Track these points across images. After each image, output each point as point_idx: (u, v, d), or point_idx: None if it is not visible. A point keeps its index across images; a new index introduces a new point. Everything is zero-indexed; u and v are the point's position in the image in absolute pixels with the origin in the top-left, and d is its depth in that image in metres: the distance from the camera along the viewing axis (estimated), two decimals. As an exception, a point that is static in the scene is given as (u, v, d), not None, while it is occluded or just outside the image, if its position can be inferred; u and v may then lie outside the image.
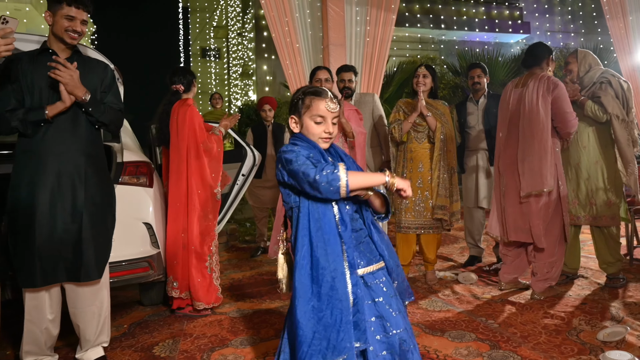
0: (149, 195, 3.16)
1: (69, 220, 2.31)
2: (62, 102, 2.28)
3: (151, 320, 3.24)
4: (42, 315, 2.38)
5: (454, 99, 9.41)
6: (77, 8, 2.32)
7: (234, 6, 18.88)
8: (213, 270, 3.33)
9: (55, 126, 2.33)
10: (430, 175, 3.65)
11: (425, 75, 3.68)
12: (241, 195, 4.74)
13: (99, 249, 2.40)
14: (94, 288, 2.46)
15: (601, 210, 3.45)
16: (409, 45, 14.24)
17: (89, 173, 2.39)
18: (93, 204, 2.39)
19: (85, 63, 2.47)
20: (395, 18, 6.11)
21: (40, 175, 2.29)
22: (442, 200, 3.61)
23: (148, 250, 3.08)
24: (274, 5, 5.54)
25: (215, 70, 23.77)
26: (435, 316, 3.03)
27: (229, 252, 5.61)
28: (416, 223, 3.68)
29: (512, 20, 15.11)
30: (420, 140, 3.70)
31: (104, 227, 2.46)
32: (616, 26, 5.74)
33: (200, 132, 3.28)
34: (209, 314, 3.27)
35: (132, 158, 3.14)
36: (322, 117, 1.75)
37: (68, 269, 2.32)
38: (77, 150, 2.37)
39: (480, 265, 4.32)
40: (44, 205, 2.27)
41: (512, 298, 3.33)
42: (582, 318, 2.86)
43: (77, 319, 2.47)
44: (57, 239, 2.29)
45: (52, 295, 2.40)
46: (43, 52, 2.38)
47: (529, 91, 3.23)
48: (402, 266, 3.70)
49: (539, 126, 3.16)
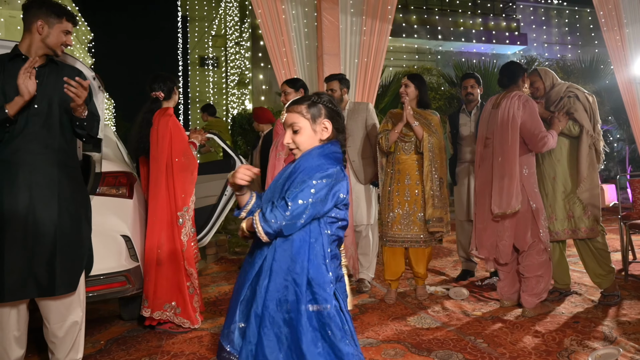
0: (128, 207, 3.06)
1: (40, 232, 2.23)
2: (20, 96, 2.18)
3: (129, 336, 3.13)
4: (7, 333, 2.28)
5: (450, 109, 9.37)
6: (74, 25, 2.43)
7: (233, 15, 18.90)
8: (196, 292, 3.21)
9: (28, 136, 2.26)
10: (417, 188, 3.56)
11: (407, 85, 3.62)
12: (230, 205, 4.66)
13: (72, 262, 2.32)
14: (68, 302, 2.36)
15: (579, 222, 3.40)
16: (406, 56, 14.22)
17: (63, 184, 2.32)
18: (67, 215, 2.31)
19: (58, 69, 2.42)
20: (391, 28, 6.07)
21: (12, 186, 2.21)
22: (439, 212, 3.51)
23: (126, 264, 2.97)
24: (269, 15, 5.49)
25: (214, 79, 23.75)
26: (423, 334, 2.92)
27: (218, 263, 5.50)
28: (402, 237, 3.58)
29: (509, 31, 15.13)
30: (407, 151, 3.61)
31: (78, 239, 2.37)
32: (612, 38, 5.69)
33: (179, 144, 3.15)
34: (190, 330, 3.16)
35: (111, 168, 3.05)
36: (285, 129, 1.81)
37: (39, 283, 2.23)
38: (50, 160, 2.30)
39: (473, 279, 4.22)
40: (15, 218, 2.19)
41: (503, 315, 3.22)
42: (574, 338, 2.75)
43: (50, 335, 2.37)
44: (28, 252, 2.20)
45: (19, 311, 2.30)
46: (15, 57, 2.31)
47: (501, 111, 3.26)
48: (391, 281, 3.66)
49: (507, 146, 3.20)
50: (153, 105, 3.30)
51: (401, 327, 3.07)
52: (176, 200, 3.10)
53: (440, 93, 10.55)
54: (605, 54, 6.59)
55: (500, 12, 15.56)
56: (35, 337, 2.43)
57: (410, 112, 3.50)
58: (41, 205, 2.24)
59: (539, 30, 16.48)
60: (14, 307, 2.27)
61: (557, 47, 16.38)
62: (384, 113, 8.20)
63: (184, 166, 3.14)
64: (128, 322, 3.40)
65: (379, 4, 5.93)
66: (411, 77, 3.68)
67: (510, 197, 3.14)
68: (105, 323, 3.42)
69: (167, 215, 3.10)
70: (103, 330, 3.27)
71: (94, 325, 3.35)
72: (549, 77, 3.60)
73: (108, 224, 2.92)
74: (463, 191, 4.25)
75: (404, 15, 13.71)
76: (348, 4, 5.90)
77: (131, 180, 3.13)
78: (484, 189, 3.36)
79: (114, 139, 3.59)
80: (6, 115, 2.18)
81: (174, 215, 3.09)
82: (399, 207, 3.57)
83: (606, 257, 3.40)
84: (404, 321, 3.17)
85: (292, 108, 1.76)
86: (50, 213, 2.25)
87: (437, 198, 3.51)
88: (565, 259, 3.60)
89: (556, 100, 3.51)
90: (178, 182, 3.12)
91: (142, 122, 3.29)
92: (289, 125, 1.76)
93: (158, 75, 3.34)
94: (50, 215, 2.25)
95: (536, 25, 16.46)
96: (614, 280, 3.40)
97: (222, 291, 4.20)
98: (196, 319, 3.17)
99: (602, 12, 5.73)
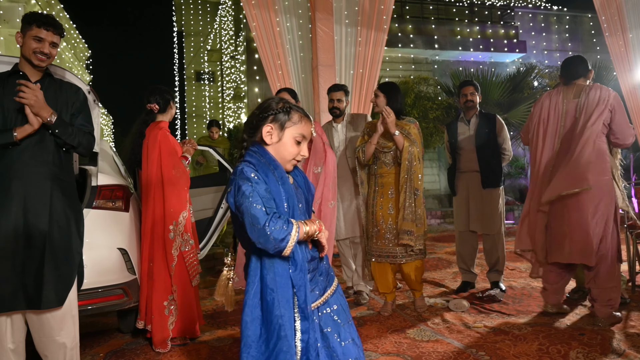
0: (124, 220, 3.06)
1: (31, 245, 2.24)
2: (30, 125, 2.26)
3: (128, 348, 3.11)
4: (2, 345, 2.26)
5: (448, 119, 9.34)
6: (47, 30, 2.33)
7: (227, 29, 18.95)
8: (171, 313, 3.07)
9: (21, 149, 2.29)
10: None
11: (377, 95, 3.55)
12: (226, 218, 4.62)
13: (61, 276, 2.31)
14: (58, 316, 2.34)
15: None
16: (402, 66, 14.20)
17: (55, 197, 2.33)
18: (57, 228, 2.31)
19: (56, 85, 2.46)
20: (386, 38, 6.07)
21: (3, 198, 2.23)
22: (408, 224, 3.38)
23: (123, 277, 2.97)
24: (263, 28, 5.50)
25: (210, 93, 23.76)
26: (422, 347, 2.87)
27: (216, 276, 5.44)
28: (387, 251, 3.50)
29: (508, 39, 15.11)
30: (389, 165, 3.53)
31: (69, 253, 2.36)
32: (615, 44, 5.65)
33: (168, 158, 3.10)
34: (189, 343, 3.13)
35: (107, 182, 3.05)
36: (303, 139, 1.65)
37: (28, 296, 2.23)
38: (42, 173, 2.32)
39: (473, 291, 4.16)
40: (5, 230, 2.21)
41: (505, 328, 3.17)
42: (580, 351, 2.69)
43: (43, 349, 2.35)
44: (18, 265, 2.21)
45: (13, 323, 2.29)
46: (14, 74, 2.37)
47: (591, 98, 3.18)
48: (384, 294, 3.61)
49: (593, 134, 3.12)
50: (147, 117, 3.28)
51: (400, 339, 3.02)
52: (166, 214, 3.05)
53: (438, 103, 10.51)
54: (608, 60, 6.54)
55: (498, 20, 15.56)
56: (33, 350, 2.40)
57: (393, 120, 3.38)
58: (32, 217, 2.25)
59: (539, 37, 16.44)
60: (8, 318, 2.26)
61: (558, 53, 16.33)
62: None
63: (173, 180, 3.08)
64: (127, 335, 3.39)
65: (374, 14, 5.94)
66: (381, 87, 3.58)
67: (587, 172, 3.08)
68: (105, 336, 3.40)
69: (158, 229, 3.06)
70: (102, 343, 3.25)
71: (93, 338, 3.34)
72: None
73: (105, 237, 2.92)
74: (462, 202, 4.20)
75: (399, 25, 13.72)
76: (343, 14, 5.90)
77: (127, 193, 3.11)
78: (569, 183, 3.17)
79: (110, 152, 3.57)
80: (13, 139, 2.24)
81: (166, 229, 3.05)
82: (382, 221, 3.50)
83: None
84: (403, 333, 3.13)
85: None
86: (40, 225, 2.26)
87: (408, 209, 3.39)
88: None
89: None
90: (167, 196, 3.06)
91: (135, 134, 3.29)
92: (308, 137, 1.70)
93: (155, 88, 3.30)
94: (40, 227, 2.26)
95: (535, 32, 16.43)
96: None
97: (219, 304, 4.15)
98: (166, 343, 3.03)
99: (604, 17, 5.68)
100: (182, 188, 3.12)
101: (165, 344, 3.02)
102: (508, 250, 4.26)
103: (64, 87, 2.49)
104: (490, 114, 4.25)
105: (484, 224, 4.09)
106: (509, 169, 11.98)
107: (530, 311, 3.49)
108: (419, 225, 3.43)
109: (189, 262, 3.11)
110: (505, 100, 9.33)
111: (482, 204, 4.09)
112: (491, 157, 4.08)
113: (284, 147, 1.63)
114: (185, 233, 3.11)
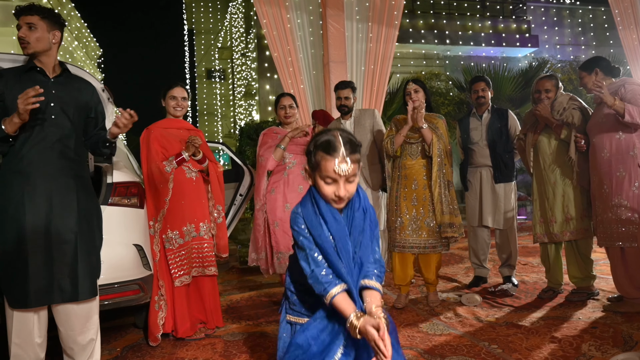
0: (139, 217, 3.09)
1: (62, 240, 2.29)
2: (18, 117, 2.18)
3: (144, 343, 3.16)
4: (30, 339, 2.31)
5: (459, 115, 9.29)
6: (21, 15, 2.33)
7: (238, 27, 18.99)
8: (161, 309, 3.13)
9: (45, 147, 2.32)
10: (424, 192, 3.53)
11: (417, 90, 3.59)
12: (239, 215, 4.66)
13: (92, 268, 2.39)
14: (87, 309, 2.40)
15: (578, 224, 3.55)
16: (413, 62, 14.14)
17: (80, 193, 2.39)
18: (85, 223, 2.38)
19: (73, 82, 2.50)
20: (397, 34, 6.06)
21: (31, 195, 2.27)
22: (448, 217, 3.47)
23: (139, 273, 3.00)
24: (274, 25, 5.51)
25: (221, 91, 23.86)
26: (435, 340, 2.89)
27: (229, 273, 5.50)
28: (411, 242, 3.54)
29: (520, 33, 14.97)
30: (413, 156, 3.58)
31: (94, 247, 2.45)
32: (629, 37, 5.61)
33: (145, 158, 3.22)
34: (204, 337, 3.18)
35: (122, 179, 3.08)
36: (331, 179, 1.62)
37: (62, 289, 2.29)
38: (65, 170, 2.37)
39: (485, 286, 4.17)
40: (37, 227, 2.25)
41: (518, 321, 3.18)
42: (592, 343, 2.70)
43: (70, 343, 2.40)
44: (51, 260, 2.26)
45: (40, 318, 2.34)
46: (31, 70, 2.38)
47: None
48: (401, 285, 3.62)
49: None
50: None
51: (413, 333, 3.04)
52: (147, 211, 3.17)
53: (449, 98, 10.47)
54: (621, 54, 6.47)
55: (510, 14, 15.42)
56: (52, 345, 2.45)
57: (423, 113, 3.44)
58: (61, 214, 2.30)
59: (551, 31, 16.25)
60: (36, 313, 2.32)
61: (570, 48, 16.14)
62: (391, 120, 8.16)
63: (150, 179, 3.19)
64: (142, 330, 3.42)
65: (385, 10, 5.92)
66: (417, 82, 3.65)
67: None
68: (121, 331, 3.46)
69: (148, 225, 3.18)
70: (119, 337, 3.31)
71: (110, 332, 3.39)
72: (559, 86, 3.73)
73: (120, 233, 2.95)
74: (475, 197, 4.21)
75: (410, 21, 13.66)
76: (354, 10, 5.89)
77: (141, 190, 3.16)
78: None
79: (124, 150, 3.62)
80: (4, 134, 2.22)
81: (147, 225, 3.16)
82: (406, 212, 3.54)
83: (587, 264, 3.59)
84: (415, 327, 3.14)
85: (354, 157, 1.63)
86: (70, 221, 2.32)
87: (445, 203, 3.47)
88: (561, 260, 3.74)
89: (559, 110, 3.60)
90: (147, 194, 3.19)
91: None
92: (348, 176, 1.63)
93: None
94: (70, 224, 2.32)
95: (548, 26, 16.24)
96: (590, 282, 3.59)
97: (233, 299, 4.21)
98: (156, 338, 3.09)
99: (618, 10, 5.64)
100: (155, 189, 3.18)
101: (156, 338, 3.08)
102: (520, 245, 4.26)
103: (81, 84, 2.52)
104: (503, 109, 4.24)
105: (497, 219, 4.10)
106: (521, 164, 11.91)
107: (543, 305, 3.49)
108: (457, 216, 3.52)
109: (171, 261, 3.16)
110: (518, 95, 9.28)
111: (494, 199, 4.09)
112: (503, 152, 4.07)
113: (319, 188, 1.72)
114: (172, 231, 3.18)
